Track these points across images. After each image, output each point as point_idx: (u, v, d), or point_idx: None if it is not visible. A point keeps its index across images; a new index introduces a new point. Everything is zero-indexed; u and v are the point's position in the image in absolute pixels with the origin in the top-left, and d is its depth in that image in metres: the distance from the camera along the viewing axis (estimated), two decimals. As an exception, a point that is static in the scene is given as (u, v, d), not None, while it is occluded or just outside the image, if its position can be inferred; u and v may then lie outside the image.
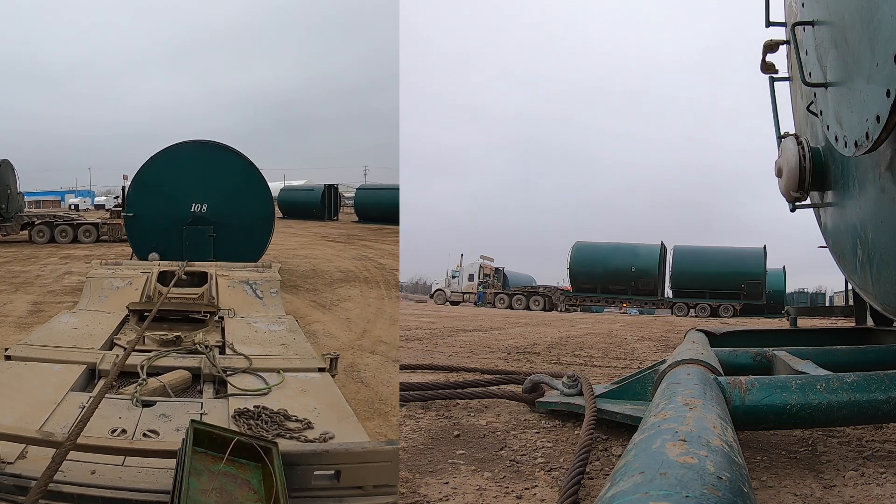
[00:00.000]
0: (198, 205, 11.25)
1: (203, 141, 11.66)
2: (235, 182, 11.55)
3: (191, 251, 10.41)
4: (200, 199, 11.26)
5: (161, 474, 2.41)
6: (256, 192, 11.77)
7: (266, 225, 11.92)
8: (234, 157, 11.63)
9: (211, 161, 11.50)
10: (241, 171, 11.63)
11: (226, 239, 11.06)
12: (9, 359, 4.10)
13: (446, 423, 3.57)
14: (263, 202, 11.93)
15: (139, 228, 11.36)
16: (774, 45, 4.34)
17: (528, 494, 2.44)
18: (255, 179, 11.78)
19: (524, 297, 37.80)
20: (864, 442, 3.05)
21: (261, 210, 11.81)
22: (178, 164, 11.34)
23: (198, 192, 11.26)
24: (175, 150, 11.44)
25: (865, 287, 3.43)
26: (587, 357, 7.99)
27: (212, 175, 11.38)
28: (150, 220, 11.23)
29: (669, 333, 13.27)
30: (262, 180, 11.90)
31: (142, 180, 11.42)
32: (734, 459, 1.28)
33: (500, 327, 13.87)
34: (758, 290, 34.09)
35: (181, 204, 11.20)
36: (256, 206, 11.72)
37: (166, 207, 11.13)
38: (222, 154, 11.60)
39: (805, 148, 3.79)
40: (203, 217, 11.24)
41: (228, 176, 11.52)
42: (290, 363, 4.37)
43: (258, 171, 11.85)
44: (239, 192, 11.54)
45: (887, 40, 2.32)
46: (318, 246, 22.26)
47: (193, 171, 11.34)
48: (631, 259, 36.55)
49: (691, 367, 2.57)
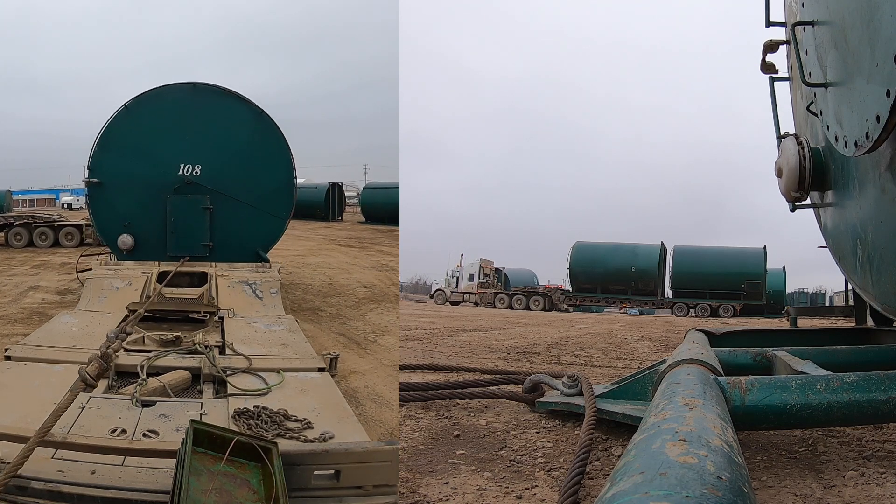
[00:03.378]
0: (188, 166, 8.08)
1: (196, 83, 8.39)
2: (241, 138, 8.36)
3: (178, 231, 8.02)
4: (191, 159, 8.08)
5: (161, 474, 2.41)
6: (270, 151, 8.42)
7: (283, 197, 8.57)
8: (240, 105, 8.39)
9: (207, 110, 8.32)
10: (250, 124, 8.38)
11: (227, 214, 8.17)
12: (9, 359, 4.10)
13: (446, 423, 3.57)
14: (281, 165, 8.51)
15: (105, 202, 8.06)
16: (774, 45, 4.34)
17: (528, 494, 2.43)
18: (268, 135, 8.44)
19: (524, 296, 37.85)
20: (864, 442, 3.05)
21: (277, 176, 8.47)
22: (161, 114, 8.19)
23: (188, 150, 8.10)
24: (157, 95, 8.21)
25: (865, 287, 3.43)
26: (587, 357, 7.99)
27: (208, 129, 8.24)
28: (121, 188, 8.04)
29: (669, 333, 13.27)
30: (278, 137, 8.48)
31: (111, 137, 8.06)
32: (734, 459, 1.28)
33: (499, 327, 13.87)
34: (758, 291, 34.09)
35: (164, 165, 8.05)
36: (270, 169, 8.44)
37: (143, 170, 8.02)
38: (223, 101, 8.39)
39: (805, 148, 3.79)
40: (195, 183, 8.05)
41: (231, 130, 8.35)
42: (289, 363, 4.38)
43: (274, 125, 8.46)
44: (246, 150, 8.35)
45: (887, 40, 2.32)
46: (329, 252, 19.52)
47: (183, 123, 8.18)
48: (631, 259, 36.55)
49: (691, 367, 2.56)
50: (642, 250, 36.97)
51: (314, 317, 9.15)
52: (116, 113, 8.09)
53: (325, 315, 9.41)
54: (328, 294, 11.33)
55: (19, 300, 10.28)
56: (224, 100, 8.37)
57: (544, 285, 42.38)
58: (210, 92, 8.36)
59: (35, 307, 9.52)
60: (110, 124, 8.05)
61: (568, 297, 37.90)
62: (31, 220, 20.63)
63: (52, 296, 10.75)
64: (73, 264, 12.85)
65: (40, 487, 2.30)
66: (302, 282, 12.43)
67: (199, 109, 8.30)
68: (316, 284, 12.37)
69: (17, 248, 19.07)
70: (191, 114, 8.26)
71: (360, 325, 8.75)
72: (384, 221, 31.57)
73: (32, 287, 11.71)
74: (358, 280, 13.10)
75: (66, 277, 12.66)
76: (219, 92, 8.36)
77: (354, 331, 8.21)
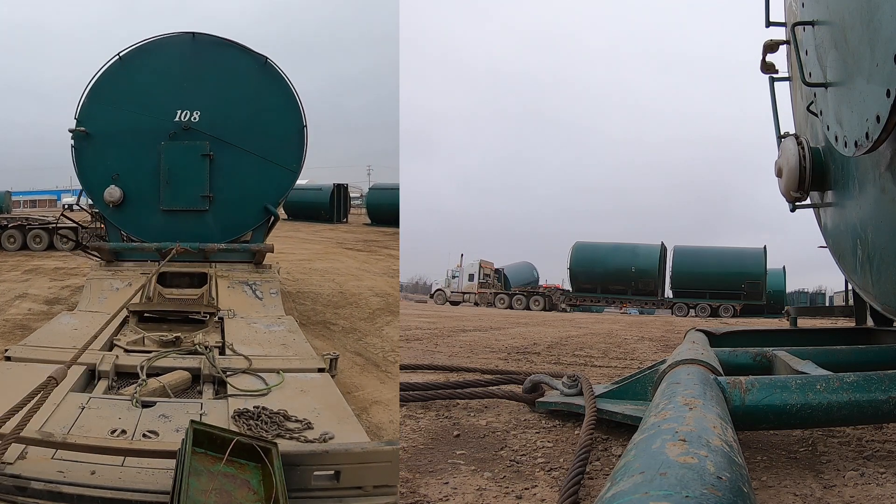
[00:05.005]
0: (185, 112, 7.39)
1: (195, 33, 7.70)
2: (245, 86, 7.70)
3: (173, 181, 7.29)
4: (189, 106, 7.41)
5: (161, 475, 2.41)
6: (277, 99, 7.71)
7: (293, 148, 7.75)
8: (243, 54, 7.72)
9: (208, 60, 7.66)
10: (254, 73, 7.69)
11: (230, 164, 7.44)
12: (9, 360, 4.10)
13: (446, 423, 3.57)
14: (289, 114, 7.75)
15: (93, 153, 7.35)
16: (774, 45, 4.34)
17: (528, 494, 2.43)
18: (275, 83, 7.72)
19: (524, 296, 37.85)
20: (864, 442, 3.05)
21: (285, 125, 7.72)
22: (158, 65, 7.54)
23: (186, 97, 7.43)
24: (154, 45, 7.60)
25: (865, 287, 3.43)
26: (587, 357, 8.00)
27: (209, 77, 7.61)
28: (111, 139, 7.35)
29: (669, 333, 13.28)
30: (285, 85, 7.74)
31: (103, 89, 7.41)
32: (734, 459, 1.28)
33: (499, 327, 13.87)
34: (758, 291, 34.08)
35: (160, 111, 7.38)
36: (277, 118, 7.70)
37: (136, 117, 7.34)
38: (225, 51, 7.73)
39: (805, 148, 3.79)
40: (193, 129, 7.37)
41: (234, 79, 7.69)
42: (289, 363, 4.38)
43: (280, 73, 7.72)
44: (250, 98, 7.67)
45: (887, 40, 2.32)
46: (336, 256, 18.78)
47: (181, 73, 7.57)
48: (631, 259, 36.55)
49: (691, 367, 2.56)
50: (642, 250, 37.00)
51: (326, 332, 8.36)
52: (109, 63, 7.42)
53: (337, 330, 8.58)
54: (339, 304, 10.53)
55: (3, 310, 9.43)
56: (226, 49, 7.76)
57: (542, 284, 42.39)
58: (210, 42, 7.74)
59: (19, 319, 8.62)
60: (102, 75, 7.41)
61: (568, 297, 37.93)
62: (26, 221, 19.90)
63: (40, 306, 9.92)
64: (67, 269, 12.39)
65: (40, 488, 2.30)
66: (310, 290, 11.64)
67: (198, 59, 7.65)
68: (325, 293, 11.54)
69: (10, 252, 18.35)
70: (190, 63, 7.60)
71: (376, 341, 7.96)
72: (390, 223, 30.84)
73: (20, 295, 10.89)
74: (370, 288, 12.35)
75: (56, 284, 12.14)
76: (219, 42, 7.75)
77: (371, 349, 7.50)
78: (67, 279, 12.82)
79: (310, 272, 14.20)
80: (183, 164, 7.34)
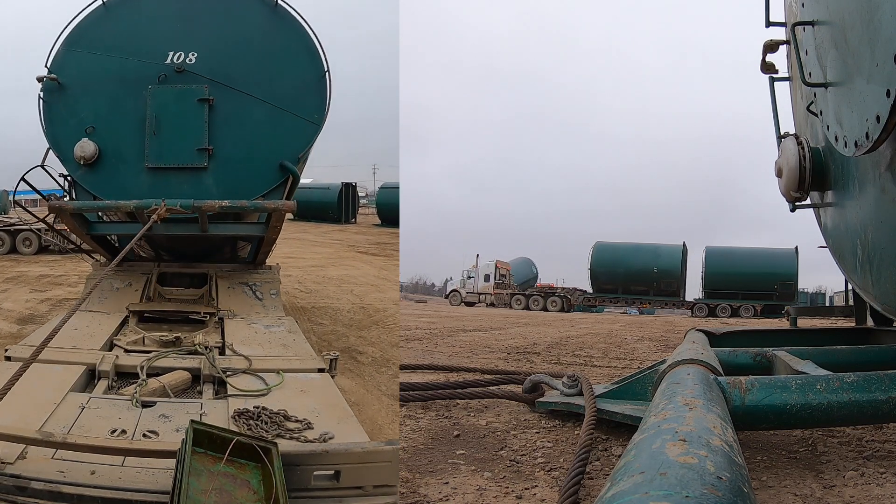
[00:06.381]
0: (178, 54, 5.89)
1: None
2: (254, 30, 6.14)
3: (162, 131, 5.73)
4: (185, 47, 5.92)
5: (161, 475, 2.41)
6: (293, 44, 6.12)
7: (313, 97, 6.05)
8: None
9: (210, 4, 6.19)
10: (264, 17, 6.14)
11: (234, 113, 5.86)
12: (9, 359, 4.10)
13: (446, 423, 3.57)
14: (307, 59, 6.09)
15: (63, 104, 5.84)
16: (774, 45, 4.34)
17: (528, 494, 2.43)
18: (289, 27, 6.14)
19: (541, 297, 37.27)
20: (864, 442, 3.05)
21: (302, 72, 6.07)
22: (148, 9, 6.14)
23: (180, 38, 5.95)
24: None
25: (865, 287, 3.43)
26: (587, 357, 7.99)
27: (210, 19, 6.11)
28: (86, 86, 5.87)
29: (669, 334, 13.28)
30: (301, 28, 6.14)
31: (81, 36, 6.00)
32: (734, 459, 1.28)
33: (499, 327, 13.86)
34: (790, 291, 33.43)
35: (148, 54, 5.88)
36: (293, 64, 6.09)
37: (119, 62, 5.87)
38: None
39: (805, 148, 3.79)
40: (188, 71, 5.85)
41: (241, 23, 6.15)
42: (289, 364, 4.37)
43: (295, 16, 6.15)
44: (261, 43, 6.11)
45: (887, 40, 2.32)
46: (349, 260, 17.08)
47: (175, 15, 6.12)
48: (653, 259, 36.05)
49: (691, 368, 2.56)
50: (664, 251, 36.53)
51: (352, 364, 6.60)
52: (91, 10, 6.04)
53: (366, 361, 6.84)
54: (363, 324, 8.81)
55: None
56: None
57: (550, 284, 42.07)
58: None
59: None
60: (82, 22, 6.04)
61: (587, 298, 37.39)
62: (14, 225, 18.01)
63: (10, 325, 8.53)
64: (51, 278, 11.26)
65: (40, 488, 2.30)
66: (327, 304, 10.06)
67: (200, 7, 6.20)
68: (345, 308, 9.89)
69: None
70: (186, 3, 6.20)
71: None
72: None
73: (-7, 310, 9.54)
74: (394, 301, 10.58)
75: (35, 297, 10.71)
76: None
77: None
78: (50, 290, 11.46)
79: (324, 281, 12.66)
80: (175, 111, 5.80)
